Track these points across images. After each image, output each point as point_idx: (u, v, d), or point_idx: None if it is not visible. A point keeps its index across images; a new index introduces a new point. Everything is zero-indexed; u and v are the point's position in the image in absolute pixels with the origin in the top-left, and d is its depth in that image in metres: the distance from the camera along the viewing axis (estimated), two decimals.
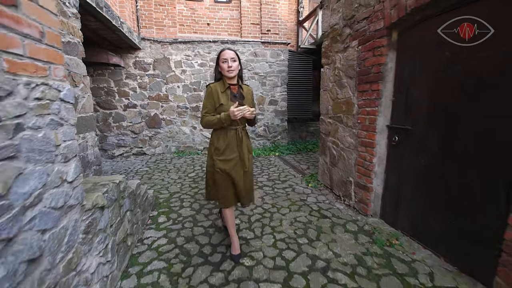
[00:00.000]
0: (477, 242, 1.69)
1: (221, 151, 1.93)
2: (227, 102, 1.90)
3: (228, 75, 1.89)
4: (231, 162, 1.93)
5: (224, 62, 1.87)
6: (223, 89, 1.92)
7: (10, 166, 0.88)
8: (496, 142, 1.55)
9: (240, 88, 2.00)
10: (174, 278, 1.86)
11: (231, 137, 1.93)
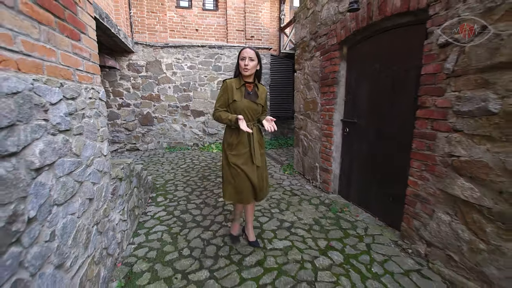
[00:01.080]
0: (395, 201, 2.36)
1: (233, 146, 1.97)
2: (240, 99, 1.92)
3: (243, 73, 1.90)
4: (243, 156, 1.96)
5: (242, 59, 1.88)
6: (238, 86, 1.93)
7: (81, 139, 1.44)
8: (404, 133, 2.23)
9: (256, 87, 2.01)
10: (174, 236, 2.44)
11: (242, 132, 1.94)
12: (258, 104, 1.99)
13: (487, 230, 1.53)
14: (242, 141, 1.96)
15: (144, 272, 1.91)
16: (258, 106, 2.00)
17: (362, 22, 2.52)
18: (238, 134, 1.96)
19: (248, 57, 1.86)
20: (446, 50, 1.72)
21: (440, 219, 1.83)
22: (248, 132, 1.82)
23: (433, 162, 1.87)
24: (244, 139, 1.97)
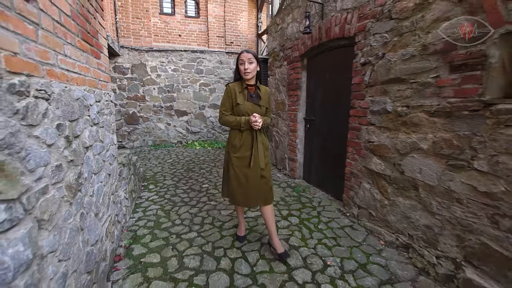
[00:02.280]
0: (339, 179, 3.08)
1: (237, 148, 1.97)
2: (243, 102, 1.93)
3: (244, 77, 1.91)
4: (246, 159, 1.96)
5: (241, 64, 1.89)
6: (240, 89, 1.95)
7: (103, 130, 1.99)
8: (344, 127, 2.94)
9: (258, 89, 2.02)
10: (166, 212, 3.00)
11: (246, 135, 1.95)
12: (262, 106, 2.01)
13: (389, 190, 2.26)
14: (246, 143, 1.96)
15: (145, 235, 2.48)
16: (261, 109, 2.02)
17: (315, 42, 3.23)
18: (241, 136, 1.96)
19: (246, 60, 1.86)
20: (365, 68, 2.45)
21: (365, 187, 2.56)
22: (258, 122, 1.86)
23: (359, 147, 2.60)
24: (248, 142, 1.96)
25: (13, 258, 0.83)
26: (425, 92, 1.88)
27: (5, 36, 0.87)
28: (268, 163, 2.07)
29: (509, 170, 1.43)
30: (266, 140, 2.10)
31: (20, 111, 0.91)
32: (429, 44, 1.84)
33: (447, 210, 1.79)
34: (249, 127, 1.90)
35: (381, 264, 2.02)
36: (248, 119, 1.87)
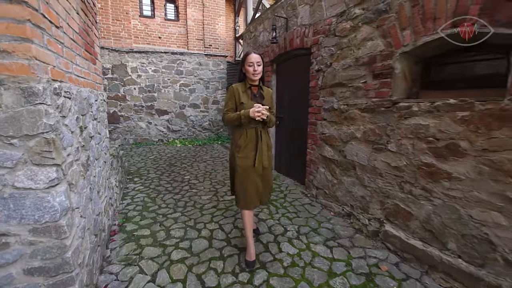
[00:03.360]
0: (303, 167, 3.64)
1: (241, 148, 1.97)
2: (247, 101, 1.94)
3: (253, 78, 1.92)
4: (250, 159, 1.96)
5: (250, 65, 1.90)
6: (244, 89, 1.97)
7: (99, 124, 2.38)
8: (305, 122, 3.50)
9: (261, 89, 2.04)
10: (152, 198, 3.39)
11: (250, 135, 1.95)
12: (265, 106, 1.96)
13: (337, 172, 2.84)
14: (250, 143, 1.96)
15: (135, 216, 2.87)
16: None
17: (282, 50, 3.76)
18: (246, 136, 1.96)
19: (256, 62, 1.89)
20: (318, 73, 3.01)
21: (321, 171, 3.13)
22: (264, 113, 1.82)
23: (316, 139, 3.16)
24: (252, 142, 1.97)
25: (59, 204, 1.25)
26: (358, 93, 2.46)
27: (49, 55, 1.28)
28: (270, 163, 2.09)
29: (408, 149, 2.03)
30: (270, 141, 2.12)
31: (59, 106, 1.32)
32: (359, 57, 2.42)
33: (374, 183, 2.38)
34: (249, 120, 1.87)
35: (328, 228, 2.58)
36: (248, 111, 1.84)
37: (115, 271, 1.94)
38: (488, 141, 1.55)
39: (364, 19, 2.34)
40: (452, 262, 1.76)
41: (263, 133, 2.02)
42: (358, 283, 1.83)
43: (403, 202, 2.12)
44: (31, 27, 1.11)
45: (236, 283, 1.83)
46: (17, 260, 1.22)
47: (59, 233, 1.26)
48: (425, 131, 1.90)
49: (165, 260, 2.08)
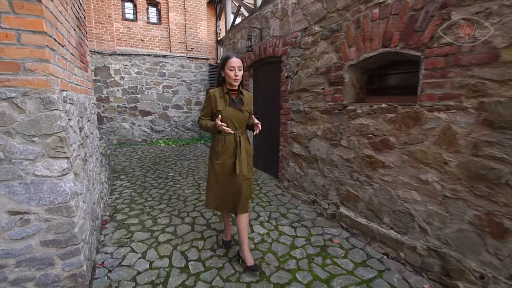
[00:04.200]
0: (276, 162, 4.06)
1: (219, 154, 1.92)
2: (224, 108, 1.87)
3: (234, 83, 1.87)
4: (228, 166, 1.92)
5: (231, 70, 1.84)
6: (221, 95, 1.89)
7: (92, 125, 2.67)
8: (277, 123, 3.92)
9: (240, 94, 1.97)
10: (139, 193, 3.68)
11: (229, 141, 1.90)
12: (245, 111, 1.95)
13: (303, 165, 3.28)
14: (228, 150, 1.91)
15: (124, 208, 3.16)
16: (244, 114, 1.96)
17: (257, 57, 4.17)
18: (224, 143, 1.91)
19: (237, 66, 1.84)
20: (287, 80, 3.44)
21: (291, 166, 3.56)
22: (229, 132, 1.81)
23: (286, 137, 3.59)
24: (231, 148, 1.91)
25: (69, 189, 1.58)
26: (318, 98, 2.91)
27: (59, 70, 1.60)
28: (250, 171, 2.04)
29: (355, 144, 2.49)
30: (250, 147, 2.07)
31: (67, 111, 1.65)
32: (319, 67, 2.87)
33: (332, 173, 2.83)
34: (217, 132, 1.87)
35: (295, 213, 3.02)
36: (214, 123, 1.81)
37: (109, 251, 2.26)
38: (407, 136, 2.03)
39: (322, 36, 2.79)
40: (386, 233, 2.23)
41: (243, 140, 1.96)
42: (314, 252, 2.26)
43: (352, 188, 2.58)
44: (48, 50, 1.43)
45: (214, 256, 2.21)
46: (35, 234, 1.54)
47: (69, 212, 1.59)
48: (366, 129, 2.36)
49: (153, 242, 2.42)
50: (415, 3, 1.89)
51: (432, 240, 1.92)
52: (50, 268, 1.61)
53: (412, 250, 2.02)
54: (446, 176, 1.80)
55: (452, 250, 1.80)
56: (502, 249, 1.55)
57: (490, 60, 1.53)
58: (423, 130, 1.91)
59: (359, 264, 2.10)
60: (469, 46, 1.62)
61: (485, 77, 1.56)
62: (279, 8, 3.51)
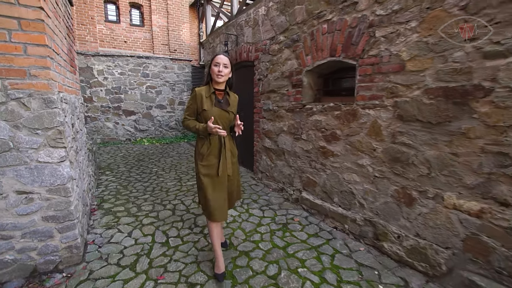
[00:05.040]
0: (252, 156, 4.47)
1: (204, 156, 1.89)
2: (210, 108, 1.82)
3: (216, 79, 1.83)
4: (213, 167, 1.89)
5: (216, 65, 1.82)
6: (207, 94, 1.84)
7: (81, 122, 2.97)
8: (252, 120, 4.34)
9: (227, 95, 1.94)
10: (124, 186, 3.98)
11: (214, 142, 1.88)
12: (230, 112, 1.92)
13: (273, 158, 3.71)
14: (213, 151, 1.89)
15: (110, 198, 3.47)
16: (230, 115, 1.93)
17: (234, 60, 4.57)
18: (209, 144, 1.88)
19: (222, 63, 1.81)
20: (259, 82, 3.87)
21: (263, 159, 3.98)
22: (223, 134, 1.76)
23: (259, 133, 4.01)
24: (215, 149, 1.89)
25: (66, 173, 1.91)
26: (283, 98, 3.35)
27: (56, 75, 1.93)
28: (236, 171, 2.05)
29: (312, 137, 2.94)
30: (235, 148, 2.07)
31: (64, 109, 1.97)
32: (284, 72, 3.31)
33: (295, 163, 3.28)
34: (207, 135, 1.82)
35: (265, 199, 3.44)
36: (205, 126, 1.75)
37: (98, 232, 2.58)
38: (348, 129, 2.50)
39: (286, 44, 3.23)
40: (336, 210, 2.69)
41: (228, 140, 1.94)
42: (276, 228, 2.69)
43: (311, 175, 3.03)
44: (49, 60, 1.77)
45: (191, 233, 2.59)
46: (38, 210, 1.86)
47: (66, 193, 1.92)
48: (320, 124, 2.82)
49: (138, 224, 2.76)
50: (352, 22, 2.36)
51: (368, 212, 2.39)
52: (50, 240, 1.94)
53: (353, 222, 2.49)
54: (375, 160, 2.27)
55: (380, 219, 2.27)
56: (411, 214, 2.04)
57: (400, 69, 2.01)
58: (359, 124, 2.38)
59: (312, 235, 2.55)
60: (387, 58, 2.09)
61: (397, 82, 2.04)
62: (252, 18, 3.92)
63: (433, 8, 1.77)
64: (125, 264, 2.11)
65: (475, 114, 1.62)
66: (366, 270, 2.04)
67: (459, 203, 1.74)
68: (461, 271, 1.74)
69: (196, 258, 2.19)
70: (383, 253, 2.22)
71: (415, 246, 2.00)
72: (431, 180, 1.89)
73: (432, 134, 1.85)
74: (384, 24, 2.09)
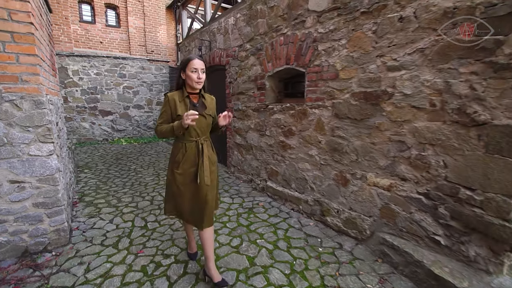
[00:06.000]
0: (225, 152, 4.86)
1: (180, 164, 1.79)
2: (185, 113, 1.65)
3: (196, 86, 1.75)
4: (189, 176, 1.80)
5: (193, 71, 1.71)
6: (181, 99, 1.77)
7: (62, 121, 3.21)
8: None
9: (202, 98, 1.86)
10: (103, 181, 4.22)
11: (190, 149, 1.79)
12: (207, 115, 1.84)
13: (243, 152, 4.13)
14: (190, 158, 1.79)
15: (91, 193, 3.72)
16: (207, 119, 1.84)
17: (208, 64, 4.94)
18: (185, 150, 1.79)
19: (200, 68, 1.72)
20: (230, 84, 4.27)
21: (235, 154, 4.40)
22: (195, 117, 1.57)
23: (231, 131, 4.42)
24: (192, 157, 1.79)
25: (54, 165, 2.21)
26: (250, 99, 3.79)
27: (44, 79, 2.22)
28: (214, 180, 1.91)
29: (274, 133, 3.40)
30: (213, 154, 1.95)
31: (51, 110, 2.26)
32: (250, 76, 3.74)
33: (261, 157, 3.72)
34: (184, 130, 1.68)
35: (236, 189, 3.86)
36: (180, 121, 1.64)
37: (82, 220, 2.87)
38: (301, 126, 2.98)
39: (251, 52, 3.67)
40: (293, 194, 3.17)
41: (206, 147, 1.83)
42: (243, 211, 3.12)
43: (274, 166, 3.49)
44: (39, 67, 2.06)
45: (167, 218, 2.94)
46: (29, 197, 2.15)
47: (54, 182, 2.22)
48: (279, 122, 3.28)
49: (118, 213, 3.07)
50: (301, 37, 2.83)
51: (316, 194, 2.88)
52: (39, 223, 2.23)
53: (306, 203, 2.97)
54: (321, 151, 2.77)
55: (325, 198, 2.77)
56: (346, 192, 2.54)
57: (335, 77, 2.51)
58: (308, 121, 2.86)
59: (272, 216, 3.00)
60: (326, 67, 2.59)
61: (334, 87, 2.54)
62: (223, 26, 4.32)
63: (356, 30, 2.28)
64: (108, 244, 2.44)
65: (383, 112, 2.14)
66: (312, 238, 2.52)
67: (376, 181, 2.27)
68: (378, 233, 2.27)
69: (171, 237, 2.56)
70: (327, 225, 2.72)
71: (349, 218, 2.51)
72: (358, 164, 2.40)
73: (357, 128, 2.36)
74: (324, 40, 2.58)
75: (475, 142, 1.68)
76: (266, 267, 2.11)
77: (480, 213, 1.69)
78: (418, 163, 1.97)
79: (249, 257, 2.23)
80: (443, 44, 1.76)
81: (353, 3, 2.27)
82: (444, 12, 1.74)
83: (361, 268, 2.09)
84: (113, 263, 2.14)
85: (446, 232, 1.87)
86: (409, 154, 2.01)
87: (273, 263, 2.16)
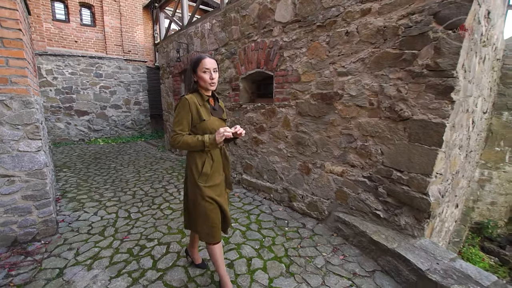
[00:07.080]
0: None
1: (208, 177, 1.64)
2: (209, 118, 1.61)
3: (210, 88, 1.62)
4: (219, 187, 1.70)
5: (205, 72, 1.57)
6: (202, 102, 1.62)
7: (44, 120, 3.34)
8: None
9: (216, 101, 1.75)
10: (84, 179, 4.34)
11: (217, 157, 1.68)
12: (226, 120, 1.77)
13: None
14: (217, 169, 1.68)
15: (72, 189, 3.85)
16: (225, 123, 1.79)
17: (186, 66, 5.18)
18: (212, 160, 1.65)
19: (212, 68, 1.58)
20: None
21: None
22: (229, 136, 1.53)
23: None
24: (218, 166, 1.69)
25: (42, 160, 2.39)
26: (226, 99, 4.10)
27: (30, 81, 2.40)
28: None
29: (248, 130, 3.74)
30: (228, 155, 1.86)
31: (38, 109, 2.44)
32: (226, 78, 4.05)
33: (237, 152, 4.05)
34: (216, 146, 1.57)
35: None
36: (214, 137, 1.53)
37: (67, 214, 3.04)
38: (271, 123, 3.34)
39: (226, 56, 3.98)
40: (265, 184, 3.53)
41: (226, 150, 1.77)
42: None
43: (248, 160, 3.84)
44: (27, 70, 2.25)
45: (150, 209, 3.19)
46: (18, 191, 2.32)
47: (43, 176, 2.41)
48: (252, 120, 3.63)
49: (102, 206, 3.26)
50: (269, 44, 3.20)
51: (285, 183, 3.26)
52: (28, 215, 2.40)
53: (276, 191, 3.35)
54: (288, 145, 3.15)
55: (292, 186, 3.16)
56: (309, 180, 2.95)
57: (297, 80, 2.90)
58: (276, 119, 3.24)
59: (246, 204, 3.35)
60: (290, 72, 2.97)
61: (297, 89, 2.92)
62: (199, 30, 4.59)
63: (314, 40, 2.68)
64: (94, 232, 2.65)
65: (336, 110, 2.56)
66: (280, 221, 2.89)
67: (332, 169, 2.68)
68: (334, 212, 2.68)
69: (154, 224, 2.82)
70: (294, 210, 3.11)
71: (311, 201, 2.91)
72: (318, 155, 2.81)
73: (316, 124, 2.77)
74: (288, 48, 2.96)
75: (402, 133, 2.12)
76: (239, 244, 2.45)
77: (407, 189, 2.14)
78: (362, 152, 2.40)
79: (225, 237, 2.55)
80: (377, 55, 2.19)
81: (310, 17, 2.67)
82: (377, 30, 2.17)
83: (319, 241, 2.50)
84: (100, 248, 2.38)
85: (384, 207, 2.32)
86: (356, 145, 2.44)
87: (245, 241, 2.50)
